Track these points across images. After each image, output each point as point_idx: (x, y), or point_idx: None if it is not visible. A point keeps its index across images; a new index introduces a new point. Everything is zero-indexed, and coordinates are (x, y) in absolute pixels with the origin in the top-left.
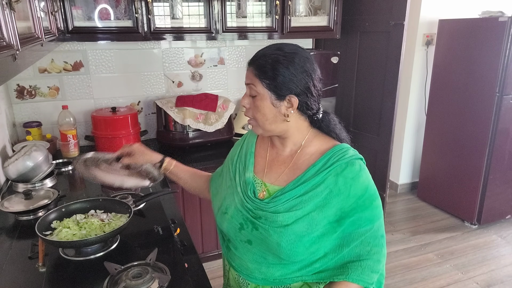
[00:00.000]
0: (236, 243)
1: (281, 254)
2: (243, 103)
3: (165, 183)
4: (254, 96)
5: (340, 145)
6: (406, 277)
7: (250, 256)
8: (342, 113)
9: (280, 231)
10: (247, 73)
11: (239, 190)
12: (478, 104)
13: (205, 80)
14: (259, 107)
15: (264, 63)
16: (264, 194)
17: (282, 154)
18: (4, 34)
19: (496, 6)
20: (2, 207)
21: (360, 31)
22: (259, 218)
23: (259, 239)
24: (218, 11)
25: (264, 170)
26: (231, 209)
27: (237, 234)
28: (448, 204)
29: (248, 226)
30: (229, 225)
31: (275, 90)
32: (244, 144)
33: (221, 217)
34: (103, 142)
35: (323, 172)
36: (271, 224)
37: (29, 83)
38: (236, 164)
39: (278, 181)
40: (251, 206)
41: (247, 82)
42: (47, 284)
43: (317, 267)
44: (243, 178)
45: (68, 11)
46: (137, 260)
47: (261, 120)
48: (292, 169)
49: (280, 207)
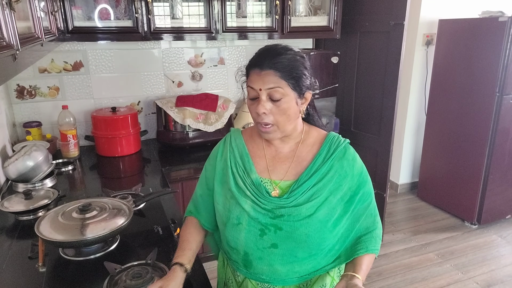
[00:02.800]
0: (258, 252)
1: (311, 245)
2: (263, 110)
3: (165, 183)
4: (278, 99)
5: (331, 133)
6: (406, 277)
7: (279, 260)
8: (343, 113)
9: (306, 222)
10: (266, 78)
11: (248, 194)
12: (478, 104)
13: (205, 80)
14: (286, 109)
15: (286, 64)
16: (277, 191)
17: (282, 151)
18: (4, 34)
19: (496, 6)
20: (2, 207)
21: (360, 31)
22: (281, 216)
23: (285, 238)
24: (218, 11)
25: (267, 169)
26: (244, 217)
27: (258, 241)
28: (448, 204)
29: (270, 229)
30: (247, 235)
31: (298, 89)
32: (231, 147)
33: (234, 229)
34: (103, 142)
35: (329, 159)
36: (295, 218)
37: (29, 83)
38: (232, 169)
39: (287, 176)
40: (270, 207)
41: (270, 86)
42: (47, 284)
43: (336, 251)
44: (248, 180)
45: (68, 11)
46: (137, 260)
47: (283, 122)
48: (298, 162)
49: (300, 199)
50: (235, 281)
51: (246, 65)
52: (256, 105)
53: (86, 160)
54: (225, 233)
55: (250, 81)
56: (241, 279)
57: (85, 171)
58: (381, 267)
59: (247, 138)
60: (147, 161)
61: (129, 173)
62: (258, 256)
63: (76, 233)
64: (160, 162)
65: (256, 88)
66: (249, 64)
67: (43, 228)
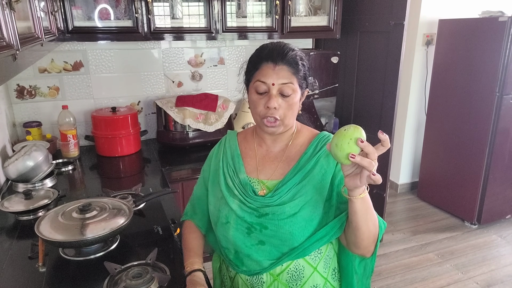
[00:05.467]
0: (247, 249)
1: (295, 242)
2: (275, 105)
3: (165, 183)
4: (288, 95)
5: (322, 132)
6: (406, 277)
7: (265, 255)
8: (343, 113)
9: (290, 220)
10: (280, 73)
11: (236, 193)
12: (478, 104)
13: (205, 80)
14: (293, 104)
15: (297, 61)
16: (264, 191)
17: (272, 150)
18: (4, 34)
19: (496, 6)
20: (2, 207)
21: (360, 31)
22: (266, 215)
23: (270, 237)
24: (218, 11)
25: (256, 169)
26: (232, 216)
27: (246, 239)
28: (448, 204)
29: (256, 228)
30: (235, 233)
31: (303, 86)
32: (224, 149)
33: (223, 228)
34: (103, 142)
35: (315, 157)
36: (279, 216)
37: (29, 83)
38: (223, 170)
39: (274, 175)
40: (255, 205)
41: (283, 81)
42: (47, 284)
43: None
44: (237, 180)
45: (68, 11)
46: (137, 260)
47: (289, 117)
48: (286, 162)
49: (285, 197)
50: (229, 277)
51: (254, 58)
52: (266, 100)
53: (86, 160)
54: (217, 232)
55: (262, 75)
56: (232, 275)
57: (85, 171)
58: (381, 267)
59: (241, 140)
60: (147, 161)
61: (129, 173)
62: (246, 253)
63: (76, 233)
64: (160, 162)
65: (268, 82)
66: (259, 58)
67: (43, 228)
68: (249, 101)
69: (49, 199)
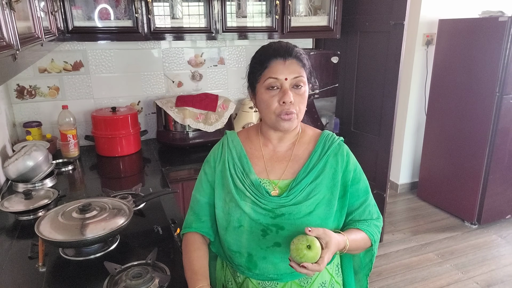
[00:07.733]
0: (262, 252)
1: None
2: (291, 99)
3: (165, 183)
4: (300, 86)
5: (325, 131)
6: (406, 277)
7: (283, 257)
8: (343, 113)
9: (306, 219)
10: (291, 67)
11: (248, 195)
12: (478, 104)
13: (205, 80)
14: (304, 97)
15: (301, 55)
16: (277, 191)
17: (279, 150)
18: (4, 34)
19: (496, 6)
20: (2, 207)
21: (360, 31)
22: (282, 216)
23: (287, 237)
24: (218, 11)
25: (265, 169)
26: (245, 219)
27: (261, 241)
28: (448, 204)
29: (272, 230)
30: (249, 236)
31: (310, 79)
32: (228, 150)
33: (235, 232)
34: (103, 142)
35: (325, 156)
36: (296, 216)
37: (29, 83)
38: (230, 171)
39: (285, 175)
40: (270, 206)
41: (295, 75)
42: (47, 284)
43: None
44: (248, 181)
45: (68, 11)
46: (137, 260)
47: (302, 110)
48: (295, 160)
49: (299, 196)
50: (234, 282)
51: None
52: (280, 96)
53: (86, 160)
54: (226, 237)
55: (273, 72)
56: (241, 280)
57: (85, 171)
58: (381, 267)
59: (243, 140)
60: (147, 161)
61: (129, 173)
62: (262, 256)
63: (76, 233)
64: (160, 162)
65: (281, 78)
66: (266, 56)
67: (43, 228)
68: (259, 102)
69: (49, 199)
